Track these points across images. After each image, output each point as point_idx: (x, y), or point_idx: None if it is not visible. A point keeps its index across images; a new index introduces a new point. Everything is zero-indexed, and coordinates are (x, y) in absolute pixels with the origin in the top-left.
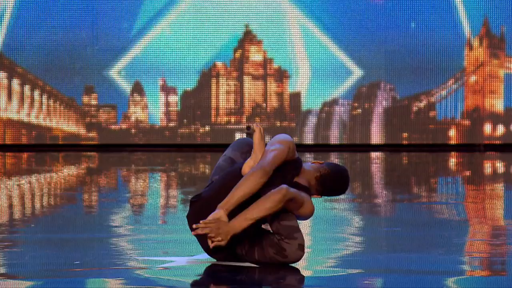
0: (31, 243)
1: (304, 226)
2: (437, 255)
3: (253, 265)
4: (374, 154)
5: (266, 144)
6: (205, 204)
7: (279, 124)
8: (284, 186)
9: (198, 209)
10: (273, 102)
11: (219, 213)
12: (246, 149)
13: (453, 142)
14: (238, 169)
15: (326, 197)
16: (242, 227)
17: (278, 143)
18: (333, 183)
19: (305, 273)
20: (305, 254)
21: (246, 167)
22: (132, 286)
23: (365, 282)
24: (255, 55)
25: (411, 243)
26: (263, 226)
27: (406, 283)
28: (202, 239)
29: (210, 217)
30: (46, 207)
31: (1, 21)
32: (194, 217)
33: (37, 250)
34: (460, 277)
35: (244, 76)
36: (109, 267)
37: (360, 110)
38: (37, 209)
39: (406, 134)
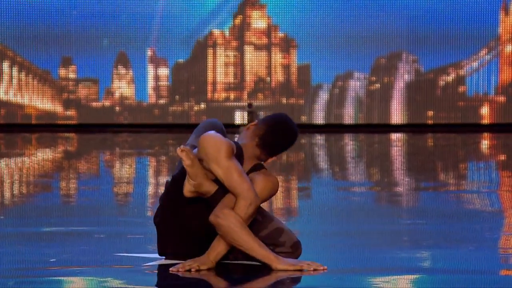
0: (1, 237)
1: (314, 217)
2: (467, 251)
3: (245, 262)
4: (394, 136)
5: (198, 136)
6: (163, 232)
7: (285, 101)
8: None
9: (160, 237)
10: (278, 75)
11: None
12: None
13: (485, 121)
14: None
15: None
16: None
17: (224, 157)
18: (275, 137)
19: (313, 272)
20: (309, 248)
21: (187, 192)
22: (115, 287)
23: (383, 282)
24: (258, 22)
25: (437, 237)
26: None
27: (431, 283)
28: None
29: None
30: (17, 196)
31: None
32: (161, 246)
33: (7, 246)
34: (493, 276)
35: (245, 46)
36: (89, 265)
37: (379, 85)
38: (7, 198)
39: (432, 112)
